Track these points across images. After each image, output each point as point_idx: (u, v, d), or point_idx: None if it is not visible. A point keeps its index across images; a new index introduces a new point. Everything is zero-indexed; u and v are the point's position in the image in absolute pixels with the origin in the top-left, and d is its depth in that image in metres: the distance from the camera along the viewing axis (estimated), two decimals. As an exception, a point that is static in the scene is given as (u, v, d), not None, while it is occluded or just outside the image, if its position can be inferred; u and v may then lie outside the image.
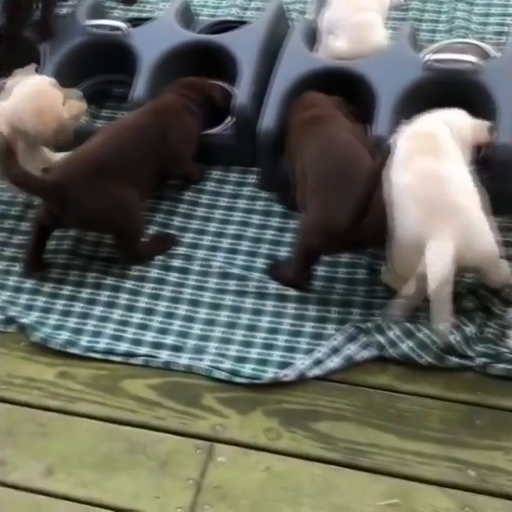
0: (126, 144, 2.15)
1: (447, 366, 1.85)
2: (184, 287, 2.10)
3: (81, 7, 2.61)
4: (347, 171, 1.91)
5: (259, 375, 1.90)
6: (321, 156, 1.99)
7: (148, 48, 2.44)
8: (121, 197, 2.08)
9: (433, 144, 1.91)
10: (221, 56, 2.40)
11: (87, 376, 1.96)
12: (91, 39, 2.50)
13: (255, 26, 2.45)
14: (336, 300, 2.01)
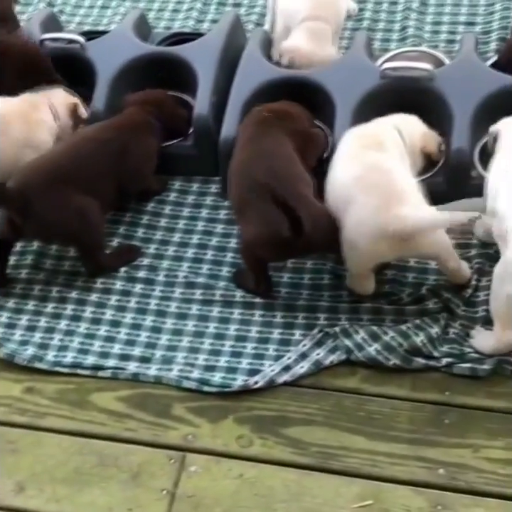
0: (87, 156, 2.14)
1: (414, 367, 1.88)
2: (150, 298, 2.09)
3: (34, 21, 2.60)
4: (278, 180, 1.93)
5: (228, 384, 1.90)
6: (250, 168, 1.99)
7: (105, 60, 2.44)
8: (82, 207, 2.07)
9: (377, 141, 1.96)
10: (180, 68, 2.41)
11: (54, 391, 1.95)
12: (48, 53, 2.48)
13: (212, 37, 2.47)
14: (303, 306, 2.03)
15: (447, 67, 2.28)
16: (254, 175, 1.96)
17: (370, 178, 1.88)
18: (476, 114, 2.13)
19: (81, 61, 2.46)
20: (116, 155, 2.18)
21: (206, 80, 2.35)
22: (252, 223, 1.94)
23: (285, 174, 1.94)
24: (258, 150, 2.02)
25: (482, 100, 2.14)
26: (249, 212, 1.96)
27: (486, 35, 2.57)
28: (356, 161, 1.94)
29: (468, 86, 2.18)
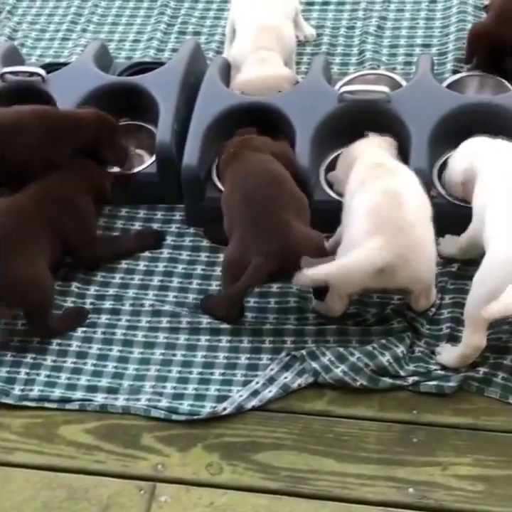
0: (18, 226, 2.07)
1: (381, 387, 1.89)
2: (117, 328, 2.09)
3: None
4: (264, 202, 1.95)
5: (197, 411, 1.90)
6: (238, 188, 2.02)
7: (65, 92, 2.44)
8: (29, 268, 2.01)
9: (386, 169, 1.99)
10: (141, 97, 2.42)
11: (22, 425, 1.93)
12: (8, 86, 2.49)
13: (172, 65, 2.49)
14: (269, 330, 2.03)
15: (404, 88, 2.31)
16: (240, 199, 1.99)
17: (382, 204, 1.88)
18: (433, 134, 2.16)
19: (42, 94, 2.46)
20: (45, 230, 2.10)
21: (167, 108, 2.36)
22: (234, 244, 1.96)
23: (269, 200, 1.95)
24: (245, 174, 2.04)
25: (439, 120, 2.18)
26: (235, 233, 1.97)
27: (443, 56, 2.61)
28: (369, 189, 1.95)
29: (425, 107, 2.21)
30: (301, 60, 2.66)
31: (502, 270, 1.77)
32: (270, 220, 1.92)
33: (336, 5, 2.87)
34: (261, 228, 1.91)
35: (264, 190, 1.98)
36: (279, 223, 1.92)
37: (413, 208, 1.89)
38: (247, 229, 1.94)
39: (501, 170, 1.96)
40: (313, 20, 2.82)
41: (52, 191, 2.16)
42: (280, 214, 1.93)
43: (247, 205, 1.97)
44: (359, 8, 2.84)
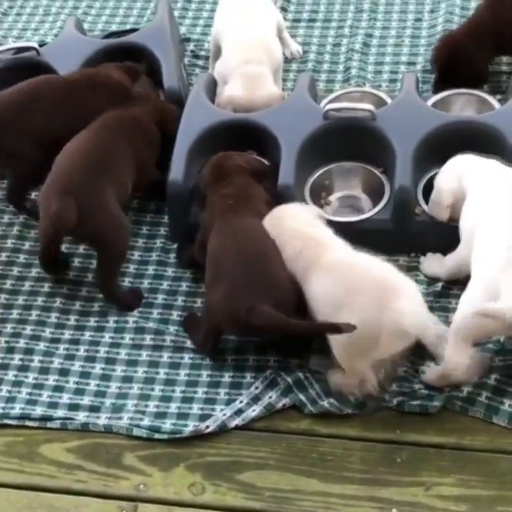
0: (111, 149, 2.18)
1: (365, 411, 1.88)
2: (100, 345, 2.07)
3: None
4: (251, 260, 1.94)
5: (180, 430, 1.88)
6: (228, 245, 1.99)
7: (63, 60, 2.50)
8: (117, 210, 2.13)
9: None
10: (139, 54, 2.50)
11: (2, 444, 1.91)
12: (4, 64, 2.55)
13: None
14: (252, 348, 2.02)
15: (388, 106, 2.32)
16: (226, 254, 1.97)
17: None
18: (417, 152, 2.16)
19: (41, 66, 2.51)
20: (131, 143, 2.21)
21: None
22: (221, 289, 1.93)
23: (256, 256, 1.95)
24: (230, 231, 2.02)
25: (423, 138, 2.18)
26: (222, 276, 1.95)
27: (427, 73, 2.62)
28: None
29: (409, 124, 2.21)
30: (287, 77, 2.66)
31: (488, 291, 1.77)
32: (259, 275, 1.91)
33: (322, 22, 2.88)
34: (251, 282, 1.90)
35: (256, 252, 1.97)
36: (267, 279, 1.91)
37: None
38: (237, 281, 1.91)
39: (491, 190, 1.97)
40: (299, 37, 2.83)
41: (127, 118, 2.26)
42: (270, 270, 1.93)
43: (237, 257, 1.95)
44: (345, 25, 2.85)
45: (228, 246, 1.98)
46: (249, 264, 1.92)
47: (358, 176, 2.29)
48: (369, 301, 1.79)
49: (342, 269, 1.87)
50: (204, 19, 2.95)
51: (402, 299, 1.79)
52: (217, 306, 1.92)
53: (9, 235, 2.34)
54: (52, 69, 2.49)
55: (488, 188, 1.99)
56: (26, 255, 2.29)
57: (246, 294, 1.87)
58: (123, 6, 3.04)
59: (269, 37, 2.56)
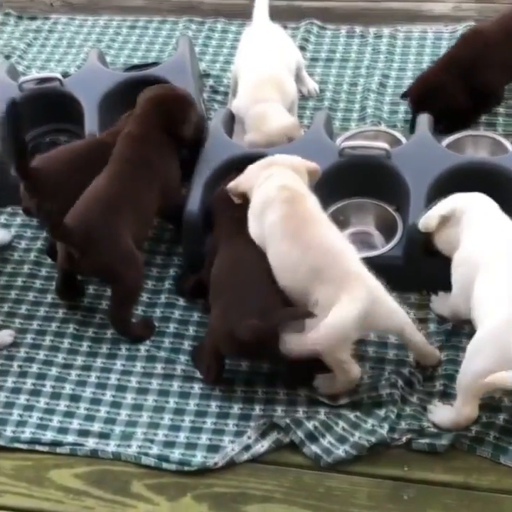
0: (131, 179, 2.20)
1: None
2: (111, 373, 2.09)
3: (0, 71, 2.68)
4: (245, 281, 1.97)
5: (188, 461, 1.89)
6: (226, 265, 2.04)
7: (86, 91, 2.55)
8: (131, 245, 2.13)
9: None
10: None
11: (11, 467, 1.92)
12: (29, 94, 2.58)
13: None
14: (262, 380, 2.03)
15: (403, 146, 2.35)
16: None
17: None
18: (431, 191, 2.19)
19: (64, 96, 2.57)
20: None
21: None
22: (216, 310, 1.98)
23: (249, 277, 1.99)
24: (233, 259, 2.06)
25: (437, 178, 2.21)
26: (218, 297, 2.00)
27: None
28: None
29: (423, 164, 2.25)
30: (303, 114, 2.71)
31: (496, 347, 1.77)
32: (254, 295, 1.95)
33: (339, 61, 2.94)
34: (242, 300, 1.93)
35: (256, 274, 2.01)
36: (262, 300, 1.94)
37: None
38: (229, 300, 1.95)
39: (493, 237, 1.95)
40: (317, 75, 2.88)
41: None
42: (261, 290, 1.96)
43: (232, 278, 2.00)
44: (362, 65, 2.90)
45: (225, 267, 2.02)
46: (242, 285, 1.96)
47: (372, 212, 2.33)
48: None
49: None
50: (224, 56, 3.01)
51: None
52: (214, 327, 1.96)
53: (26, 260, 2.38)
54: (75, 99, 2.55)
55: (491, 235, 1.97)
56: (43, 281, 2.32)
57: (236, 312, 1.90)
58: (145, 41, 3.11)
59: (283, 75, 2.59)
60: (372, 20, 3.08)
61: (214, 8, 3.22)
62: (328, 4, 3.19)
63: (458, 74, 2.50)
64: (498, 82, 2.59)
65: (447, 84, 2.49)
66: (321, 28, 3.06)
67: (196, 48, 2.96)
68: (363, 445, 1.86)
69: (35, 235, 2.44)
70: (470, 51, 2.53)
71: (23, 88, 2.59)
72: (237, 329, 1.87)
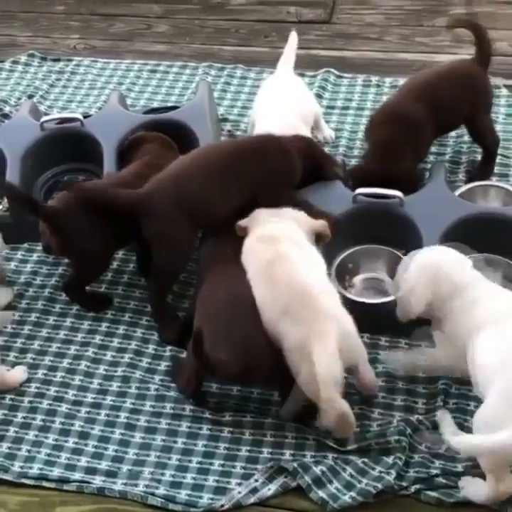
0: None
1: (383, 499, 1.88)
2: (121, 411, 2.10)
3: (23, 110, 2.74)
4: (233, 312, 2.00)
5: (194, 502, 1.89)
6: (217, 292, 2.07)
7: (105, 132, 2.60)
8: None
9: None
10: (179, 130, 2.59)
11: (17, 503, 1.93)
12: (50, 133, 2.63)
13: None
14: (271, 423, 2.03)
15: (417, 194, 2.38)
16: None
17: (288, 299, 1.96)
18: (443, 239, 2.21)
19: (83, 137, 2.62)
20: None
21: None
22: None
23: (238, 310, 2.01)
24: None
25: (449, 227, 2.23)
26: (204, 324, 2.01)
27: (455, 165, 2.69)
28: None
29: (436, 213, 2.27)
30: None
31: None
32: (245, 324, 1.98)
33: (355, 110, 2.98)
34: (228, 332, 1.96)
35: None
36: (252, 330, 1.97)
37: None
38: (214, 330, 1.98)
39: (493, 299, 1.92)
40: (332, 123, 2.92)
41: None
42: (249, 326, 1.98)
43: (221, 306, 2.02)
44: (377, 114, 2.94)
45: (217, 293, 2.05)
46: (231, 316, 1.98)
47: (383, 258, 2.34)
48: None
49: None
50: (242, 101, 3.06)
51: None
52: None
53: (40, 296, 2.41)
54: (95, 140, 2.60)
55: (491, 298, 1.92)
56: (56, 317, 2.35)
57: (219, 343, 1.93)
58: (165, 85, 3.17)
59: (298, 127, 2.62)
60: (387, 71, 3.13)
61: (233, 55, 3.30)
62: (345, 54, 3.26)
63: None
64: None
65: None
66: (337, 77, 3.12)
67: (215, 93, 3.01)
68: (369, 491, 1.86)
69: (50, 272, 2.47)
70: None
71: (45, 127, 2.64)
72: (220, 363, 1.91)
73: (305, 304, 1.93)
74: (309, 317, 1.90)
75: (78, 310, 2.36)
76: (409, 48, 3.25)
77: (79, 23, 3.54)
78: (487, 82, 2.56)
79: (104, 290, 2.40)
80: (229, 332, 1.95)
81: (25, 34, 3.50)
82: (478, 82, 2.52)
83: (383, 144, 2.47)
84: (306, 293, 1.94)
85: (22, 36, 3.49)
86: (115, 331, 2.30)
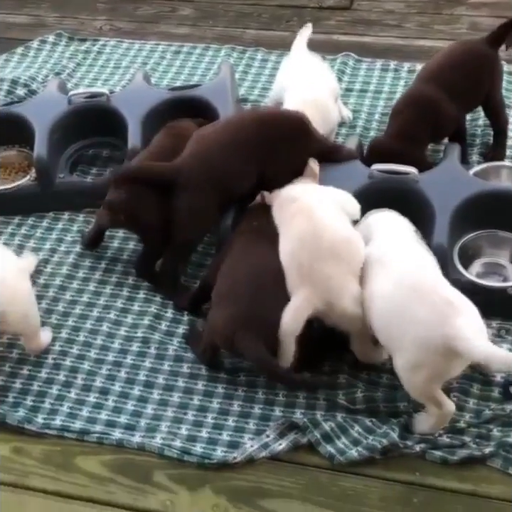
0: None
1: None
2: (140, 369, 2.19)
3: (51, 86, 2.84)
4: (255, 288, 2.07)
5: (208, 454, 1.98)
6: (240, 266, 2.14)
7: (131, 108, 2.68)
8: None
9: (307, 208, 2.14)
10: (201, 108, 2.66)
11: (41, 452, 2.02)
12: (76, 107, 2.72)
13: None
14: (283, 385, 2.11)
15: (432, 171, 2.45)
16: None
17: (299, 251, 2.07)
18: (455, 214, 2.28)
19: (109, 112, 2.70)
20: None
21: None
22: (220, 308, 2.09)
23: (260, 286, 2.08)
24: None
25: (462, 202, 2.30)
26: (225, 297, 2.11)
27: (469, 147, 2.75)
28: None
29: (450, 189, 2.34)
30: (336, 140, 2.82)
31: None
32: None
33: (373, 93, 3.05)
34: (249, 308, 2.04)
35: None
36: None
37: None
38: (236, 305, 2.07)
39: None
40: (350, 105, 3.00)
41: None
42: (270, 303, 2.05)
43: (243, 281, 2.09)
44: (394, 97, 2.98)
45: (239, 268, 2.12)
46: (252, 291, 2.05)
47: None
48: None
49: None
50: (262, 82, 3.14)
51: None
52: (214, 325, 2.08)
53: (65, 262, 2.50)
54: (120, 114, 2.69)
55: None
56: (79, 281, 2.45)
57: (239, 318, 2.02)
58: (188, 66, 3.26)
59: (328, 101, 2.70)
60: (406, 56, 3.20)
61: (255, 38, 3.38)
62: (364, 39, 3.34)
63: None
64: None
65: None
66: (357, 61, 3.20)
67: (236, 75, 3.09)
68: (374, 446, 1.93)
69: (74, 239, 2.56)
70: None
71: (72, 102, 2.74)
72: (237, 339, 2.00)
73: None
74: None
75: (101, 275, 2.45)
76: (427, 35, 3.32)
77: (106, 5, 3.63)
78: (499, 61, 2.64)
79: (126, 257, 2.49)
80: (246, 307, 2.04)
81: (53, 15, 3.60)
82: (491, 61, 2.59)
83: (403, 128, 2.54)
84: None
85: (50, 17, 3.59)
86: (136, 296, 2.38)
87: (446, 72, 2.57)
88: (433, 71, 2.61)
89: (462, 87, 2.54)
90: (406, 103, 2.61)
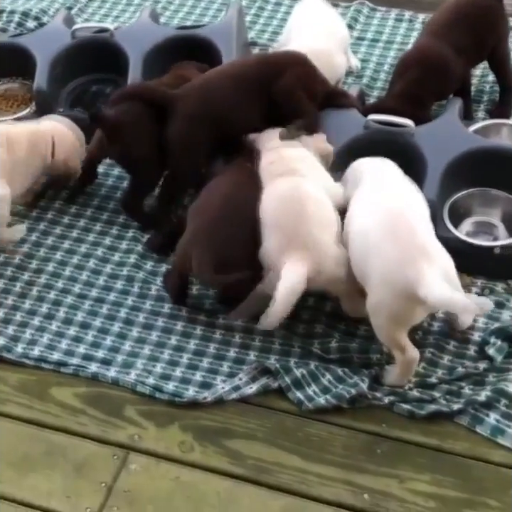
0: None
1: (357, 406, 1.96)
2: (122, 307, 2.21)
3: (57, 19, 2.84)
4: (223, 215, 2.08)
5: (180, 393, 2.00)
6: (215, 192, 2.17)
7: (134, 44, 2.67)
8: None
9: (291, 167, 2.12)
10: (204, 48, 2.65)
11: (17, 380, 2.06)
12: (80, 41, 2.72)
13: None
14: (261, 330, 2.11)
15: (429, 124, 2.40)
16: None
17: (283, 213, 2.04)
18: (448, 169, 2.24)
19: (112, 47, 2.69)
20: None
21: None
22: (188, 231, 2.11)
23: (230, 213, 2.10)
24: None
25: (456, 158, 2.26)
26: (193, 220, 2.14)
27: (476, 103, 2.70)
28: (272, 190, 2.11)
29: (445, 143, 2.30)
30: (341, 88, 2.78)
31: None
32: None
33: (384, 43, 2.99)
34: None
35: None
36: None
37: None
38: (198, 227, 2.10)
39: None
40: (360, 53, 2.94)
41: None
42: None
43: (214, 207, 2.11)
44: (406, 49, 2.93)
45: (214, 193, 2.15)
46: (217, 216, 2.07)
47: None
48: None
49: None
50: (273, 26, 3.09)
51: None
52: (178, 247, 2.11)
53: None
54: (121, 50, 2.67)
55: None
56: (70, 216, 2.46)
57: (196, 237, 2.06)
58: (200, 6, 3.22)
59: (334, 50, 2.66)
60: (421, 7, 3.12)
61: (270, -18, 3.31)
62: (381, -13, 3.26)
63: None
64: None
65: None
66: (371, 10, 3.13)
67: (248, 17, 3.06)
68: (342, 395, 1.94)
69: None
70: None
71: (76, 36, 2.72)
72: (201, 266, 2.02)
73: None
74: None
75: (93, 212, 2.47)
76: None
77: None
78: (504, 12, 2.56)
79: (119, 196, 2.50)
80: (211, 228, 2.05)
81: None
82: (496, 13, 2.52)
83: (408, 87, 2.49)
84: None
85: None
86: (125, 234, 2.40)
87: (452, 26, 2.50)
88: (439, 25, 2.55)
89: (468, 40, 2.47)
90: (414, 59, 2.53)
